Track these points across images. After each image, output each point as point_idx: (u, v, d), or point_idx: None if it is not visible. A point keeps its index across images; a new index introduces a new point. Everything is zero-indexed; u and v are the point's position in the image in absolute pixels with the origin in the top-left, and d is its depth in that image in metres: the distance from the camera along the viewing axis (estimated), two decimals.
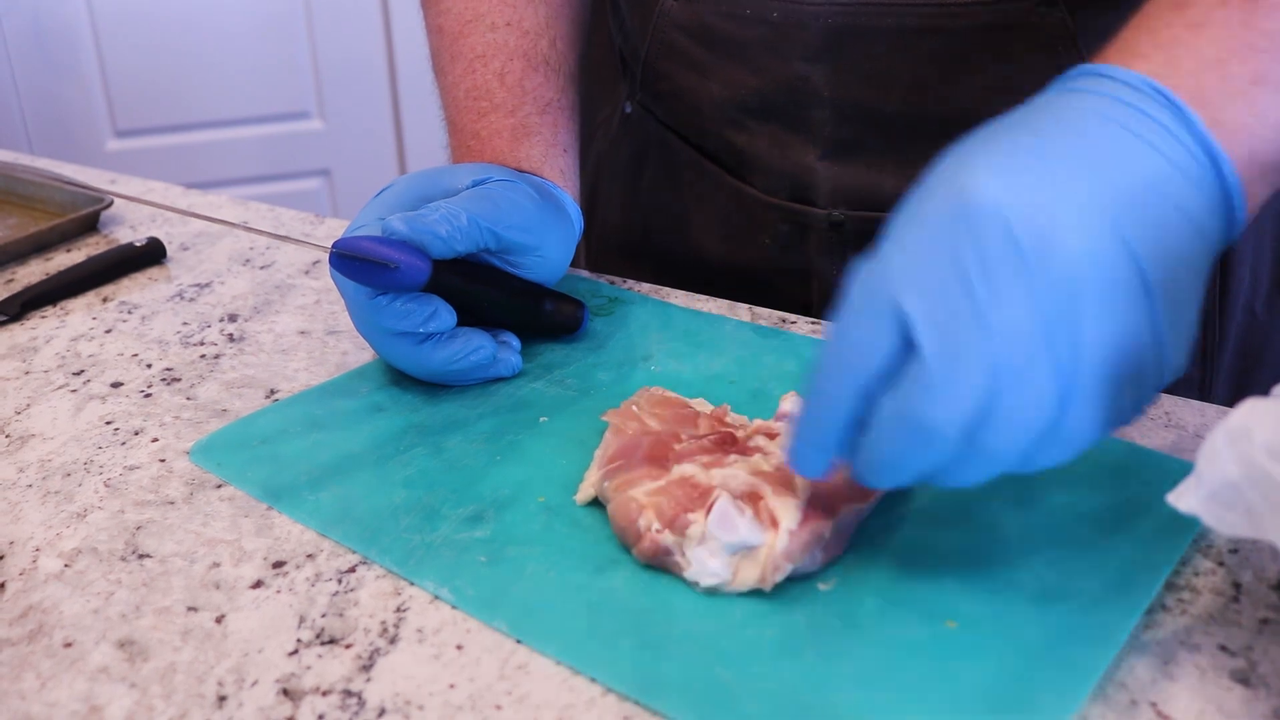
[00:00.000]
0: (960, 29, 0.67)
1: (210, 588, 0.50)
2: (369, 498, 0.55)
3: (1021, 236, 0.41)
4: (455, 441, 0.59)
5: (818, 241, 0.77)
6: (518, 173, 0.68)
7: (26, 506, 0.57)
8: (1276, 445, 0.38)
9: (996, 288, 0.41)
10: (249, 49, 2.23)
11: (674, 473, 0.51)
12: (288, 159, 2.33)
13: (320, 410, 0.62)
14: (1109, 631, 0.45)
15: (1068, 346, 0.41)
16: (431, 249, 0.60)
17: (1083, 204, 0.42)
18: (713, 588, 0.48)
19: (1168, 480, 0.43)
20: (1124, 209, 0.43)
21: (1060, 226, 0.41)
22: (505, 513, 0.53)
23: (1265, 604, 0.47)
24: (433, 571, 0.50)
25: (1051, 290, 0.41)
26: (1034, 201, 0.42)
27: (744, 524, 0.48)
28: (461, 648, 0.46)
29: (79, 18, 2.16)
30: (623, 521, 0.50)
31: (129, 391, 0.66)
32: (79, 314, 0.76)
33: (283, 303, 0.76)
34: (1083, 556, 0.49)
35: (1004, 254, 0.41)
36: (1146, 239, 0.43)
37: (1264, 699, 0.42)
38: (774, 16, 0.71)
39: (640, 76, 0.82)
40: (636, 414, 0.56)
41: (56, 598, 0.50)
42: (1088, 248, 0.41)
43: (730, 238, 0.81)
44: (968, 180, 0.42)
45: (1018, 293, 0.41)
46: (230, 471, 0.58)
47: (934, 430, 0.42)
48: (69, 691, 0.45)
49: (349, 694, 0.45)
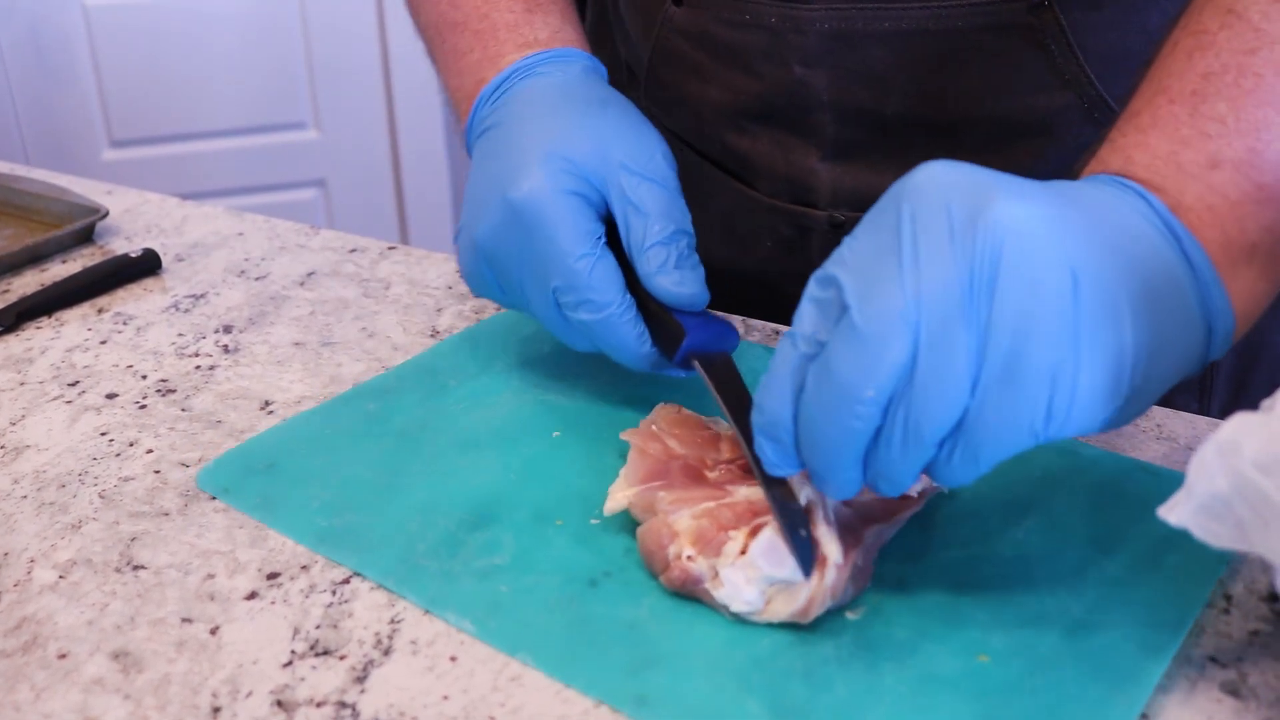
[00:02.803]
0: (954, 30, 0.68)
1: (205, 599, 0.50)
2: (383, 524, 0.54)
3: (954, 206, 0.42)
4: (468, 461, 0.58)
5: (820, 243, 0.77)
6: (585, 68, 0.66)
7: (21, 518, 0.57)
8: (1265, 459, 0.38)
9: (921, 253, 0.42)
10: (245, 59, 2.23)
11: (735, 495, 0.50)
12: (283, 169, 2.33)
13: (326, 430, 0.62)
14: (1141, 670, 0.44)
15: (981, 323, 0.41)
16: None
17: (1025, 194, 0.42)
18: (741, 614, 0.47)
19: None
20: (1072, 219, 0.43)
21: (995, 201, 0.42)
22: (524, 537, 0.52)
23: (1256, 616, 0.47)
24: (453, 602, 0.49)
25: (974, 262, 0.41)
26: (975, 180, 0.43)
27: (792, 560, 0.46)
28: (455, 659, 0.47)
29: (75, 28, 2.16)
30: (652, 545, 0.49)
31: (124, 403, 0.67)
32: (74, 325, 0.76)
33: (277, 314, 0.76)
34: (1110, 589, 0.48)
35: (934, 222, 0.42)
36: (1092, 244, 0.42)
37: (1254, 711, 0.42)
38: (772, 22, 0.71)
39: (645, 84, 0.83)
40: (657, 434, 0.55)
41: (51, 609, 0.50)
42: (1018, 226, 0.41)
43: (734, 242, 0.82)
44: (915, 170, 0.44)
45: (944, 258, 0.41)
46: (238, 499, 0.56)
47: (851, 388, 0.42)
48: (63, 703, 0.45)
49: (343, 705, 0.45)
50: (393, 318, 0.75)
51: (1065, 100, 0.69)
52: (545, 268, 0.58)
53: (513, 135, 0.61)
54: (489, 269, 0.61)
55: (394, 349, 0.71)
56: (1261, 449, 0.38)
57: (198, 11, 2.19)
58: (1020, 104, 0.70)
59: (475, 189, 0.62)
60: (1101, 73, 0.68)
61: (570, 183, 0.58)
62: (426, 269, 0.81)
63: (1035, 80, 0.69)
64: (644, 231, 0.58)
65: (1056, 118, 0.69)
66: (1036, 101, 0.69)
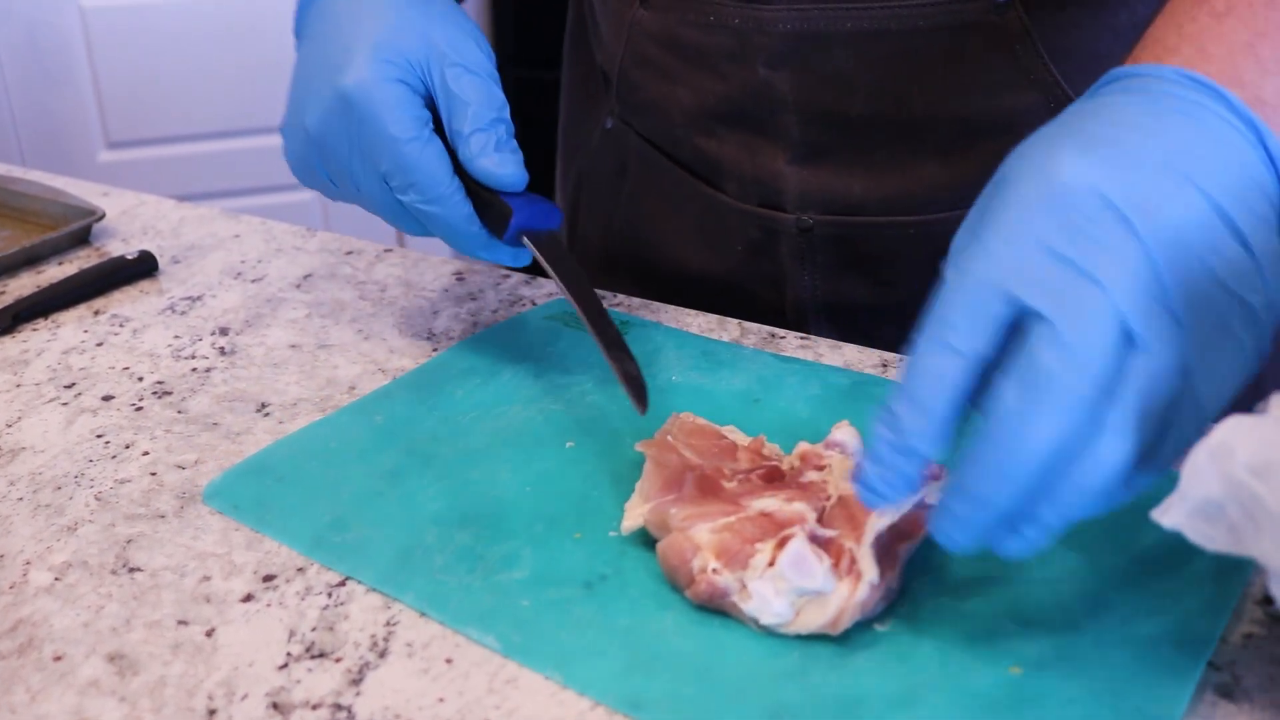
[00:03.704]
0: (916, 30, 0.68)
1: (200, 601, 0.51)
2: (398, 537, 0.53)
3: (1120, 203, 0.41)
4: (480, 473, 0.57)
5: (789, 247, 0.77)
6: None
7: (17, 520, 0.57)
8: (1258, 462, 0.38)
9: (1098, 249, 0.41)
10: (241, 61, 2.23)
11: (750, 509, 0.50)
12: (280, 171, 2.31)
13: (333, 443, 0.61)
14: (1175, 678, 0.43)
15: (1182, 302, 0.41)
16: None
17: (1179, 183, 0.42)
18: (770, 627, 0.47)
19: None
20: (1220, 190, 0.42)
21: (1159, 196, 0.41)
22: (542, 551, 0.52)
23: (1250, 619, 0.47)
24: (475, 618, 0.48)
25: (1158, 242, 0.41)
26: (1128, 179, 0.42)
27: (821, 570, 0.46)
28: (451, 661, 0.47)
29: (72, 30, 2.16)
30: (675, 561, 0.48)
31: (120, 405, 0.67)
32: (70, 327, 0.76)
33: (274, 316, 0.76)
34: (1135, 597, 0.48)
35: (1105, 219, 0.41)
36: (1244, 217, 0.42)
37: (1248, 713, 0.43)
38: (735, 23, 0.72)
39: (617, 88, 0.83)
40: (673, 444, 0.54)
41: (46, 611, 0.50)
42: (1190, 216, 0.41)
43: (705, 246, 0.82)
44: (1057, 164, 0.42)
45: (1128, 246, 0.41)
46: (248, 515, 0.56)
47: (1065, 388, 0.39)
48: (59, 705, 0.45)
49: (338, 708, 0.45)
50: (389, 320, 0.75)
51: (1031, 100, 0.69)
52: (375, 152, 0.61)
53: (343, 26, 0.64)
54: (318, 157, 0.64)
55: (390, 351, 0.71)
56: (1254, 453, 0.39)
57: (194, 13, 2.19)
58: (986, 104, 0.70)
59: (303, 76, 0.65)
60: (1068, 72, 0.68)
61: (397, 72, 0.61)
62: (423, 271, 0.82)
63: (1000, 80, 0.69)
64: (464, 118, 0.61)
65: (1022, 118, 0.69)
66: (1002, 101, 0.69)
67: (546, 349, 0.69)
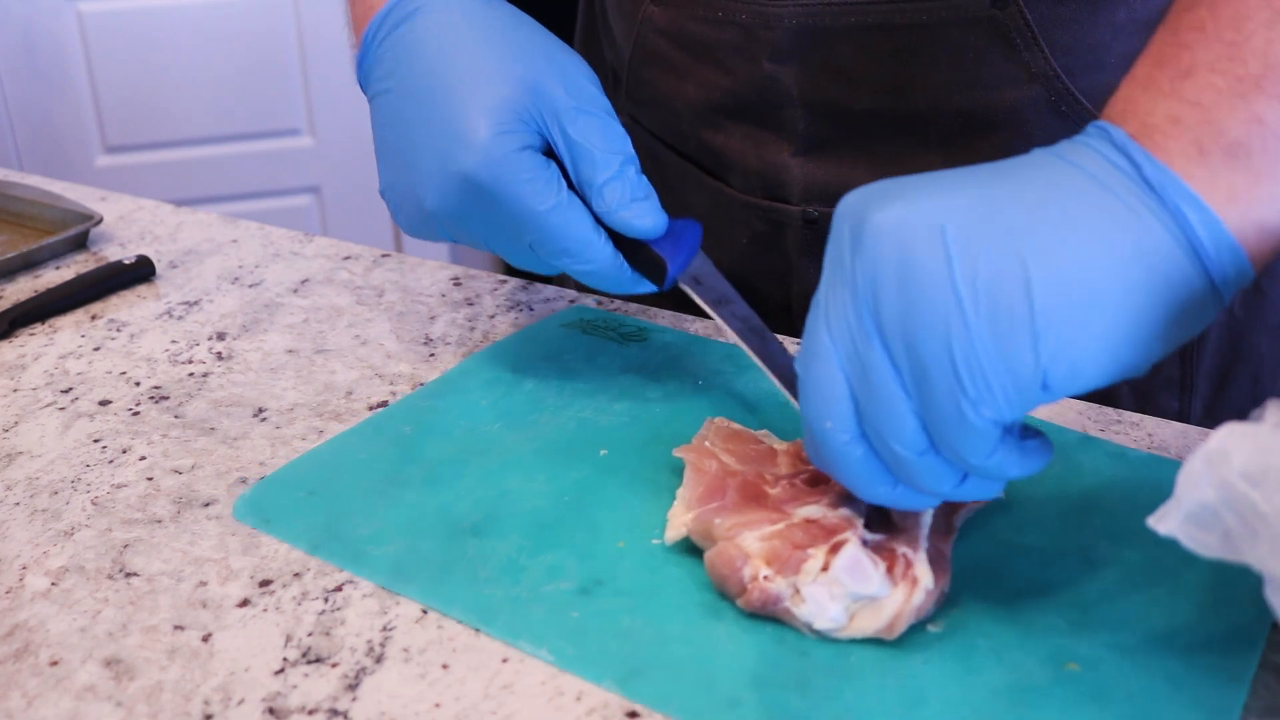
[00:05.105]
0: (919, 25, 0.69)
1: (197, 606, 0.51)
2: (438, 550, 0.52)
3: (845, 231, 0.45)
4: (516, 481, 0.57)
5: (794, 239, 0.78)
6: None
7: (13, 524, 0.57)
8: (1254, 469, 0.38)
9: (825, 286, 0.46)
10: (239, 65, 2.24)
11: (796, 516, 0.49)
12: (278, 176, 2.33)
13: (362, 456, 0.60)
14: (1231, 672, 0.44)
15: (877, 334, 0.44)
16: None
17: (908, 195, 0.44)
18: (824, 632, 0.47)
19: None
20: (976, 194, 0.44)
21: (870, 214, 0.44)
22: (587, 561, 0.51)
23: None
24: (527, 630, 0.48)
25: (858, 280, 0.44)
26: (868, 197, 0.45)
27: (877, 575, 0.46)
28: (447, 667, 0.47)
29: (70, 34, 2.16)
30: (725, 570, 0.48)
31: (117, 409, 0.67)
32: (67, 332, 0.76)
33: (271, 321, 0.76)
34: (1183, 592, 0.48)
35: (833, 253, 0.46)
36: (991, 213, 0.43)
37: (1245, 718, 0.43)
38: (743, 18, 0.73)
39: (626, 84, 0.84)
40: (711, 450, 0.54)
41: (43, 616, 0.50)
42: (887, 233, 0.43)
43: (711, 238, 0.82)
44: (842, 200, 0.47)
45: (838, 282, 0.45)
46: (281, 529, 0.55)
47: (816, 420, 0.46)
48: (55, 710, 0.45)
49: (335, 713, 0.45)
50: (386, 325, 0.75)
51: (1032, 94, 0.69)
52: (517, 227, 0.58)
53: (437, 84, 0.59)
54: (442, 229, 0.61)
55: (387, 356, 0.71)
56: (1250, 459, 0.39)
57: (192, 17, 2.19)
58: (987, 98, 0.70)
59: (400, 142, 0.60)
60: (1068, 66, 0.69)
61: (519, 140, 0.57)
62: (420, 276, 0.82)
63: (1002, 74, 0.69)
64: (592, 170, 0.58)
65: (1024, 112, 0.70)
66: (1003, 95, 0.70)
67: (567, 356, 0.69)
